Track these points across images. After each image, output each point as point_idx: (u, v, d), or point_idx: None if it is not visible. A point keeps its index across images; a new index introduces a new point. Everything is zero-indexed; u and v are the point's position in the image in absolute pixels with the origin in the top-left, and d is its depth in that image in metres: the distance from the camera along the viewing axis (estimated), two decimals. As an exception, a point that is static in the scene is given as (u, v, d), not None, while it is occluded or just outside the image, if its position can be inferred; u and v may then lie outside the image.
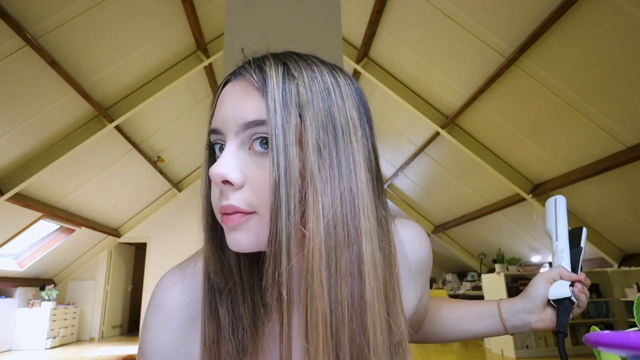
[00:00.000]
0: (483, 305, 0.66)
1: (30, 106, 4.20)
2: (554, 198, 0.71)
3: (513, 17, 3.68)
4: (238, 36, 1.62)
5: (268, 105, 0.38)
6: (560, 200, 0.70)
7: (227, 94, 0.42)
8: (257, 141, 0.39)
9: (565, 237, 0.65)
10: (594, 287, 5.67)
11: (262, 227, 0.39)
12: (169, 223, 8.71)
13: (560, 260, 0.63)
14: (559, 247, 0.64)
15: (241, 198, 0.39)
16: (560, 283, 0.61)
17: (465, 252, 8.71)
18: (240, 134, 0.40)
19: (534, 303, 0.61)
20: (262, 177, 0.38)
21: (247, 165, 0.39)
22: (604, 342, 0.28)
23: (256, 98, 0.40)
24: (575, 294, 0.59)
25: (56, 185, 5.63)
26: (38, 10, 3.54)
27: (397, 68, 5.40)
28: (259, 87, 0.40)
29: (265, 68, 0.41)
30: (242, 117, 0.39)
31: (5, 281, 6.50)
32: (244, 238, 0.39)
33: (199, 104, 6.83)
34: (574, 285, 0.60)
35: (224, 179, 0.39)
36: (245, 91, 0.40)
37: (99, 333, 8.13)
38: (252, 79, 0.40)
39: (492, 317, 0.64)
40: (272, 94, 0.38)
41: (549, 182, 4.97)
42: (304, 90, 0.39)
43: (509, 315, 0.63)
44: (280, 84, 0.39)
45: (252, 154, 0.40)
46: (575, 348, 5.32)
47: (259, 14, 1.66)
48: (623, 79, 3.40)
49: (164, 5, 4.49)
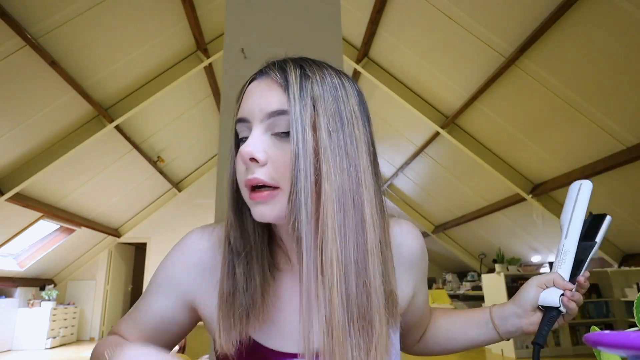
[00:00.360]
0: (477, 312, 0.68)
1: (30, 106, 4.20)
2: (580, 183, 0.62)
3: (513, 17, 3.68)
4: (238, 36, 1.62)
5: (289, 97, 0.47)
6: (585, 186, 0.61)
7: (253, 89, 0.51)
8: (275, 130, 0.48)
9: (577, 235, 0.59)
10: (594, 287, 5.67)
11: (284, 202, 0.47)
12: (169, 223, 8.71)
13: (561, 264, 0.59)
14: (564, 247, 0.59)
15: (265, 172, 0.47)
16: (552, 290, 0.58)
17: (465, 252, 8.71)
18: (264, 121, 0.48)
19: (523, 308, 0.61)
20: (282, 157, 0.47)
21: (269, 147, 0.48)
22: (604, 342, 0.28)
23: (278, 92, 0.48)
24: (564, 303, 0.57)
25: (56, 185, 5.63)
26: (38, 10, 3.54)
27: (397, 68, 5.39)
28: (281, 83, 0.48)
29: (286, 68, 0.50)
30: (267, 107, 0.48)
31: (5, 281, 6.50)
32: (269, 211, 0.47)
33: (199, 104, 6.82)
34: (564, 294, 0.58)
35: (251, 157, 0.47)
36: (269, 87, 0.49)
37: (99, 333, 8.13)
38: (276, 77, 0.49)
39: (486, 324, 0.65)
40: (292, 88, 0.48)
41: (549, 182, 4.97)
42: (317, 87, 0.48)
43: (500, 321, 0.64)
44: (299, 81, 0.48)
45: (273, 138, 0.48)
46: (575, 348, 5.32)
47: (259, 14, 1.66)
48: (623, 79, 3.40)
49: (164, 5, 4.49)
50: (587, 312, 5.54)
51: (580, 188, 0.61)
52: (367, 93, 3.39)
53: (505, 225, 6.65)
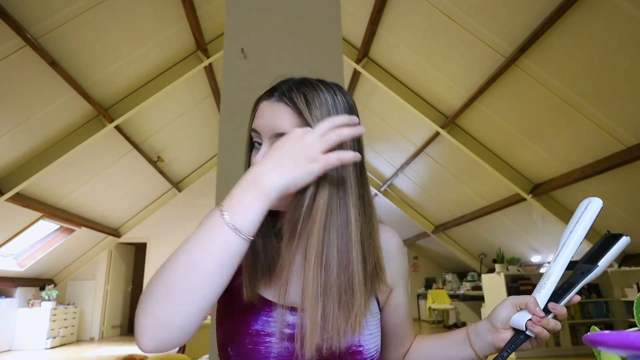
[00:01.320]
0: (456, 332, 0.70)
1: (30, 106, 4.20)
2: (589, 200, 0.61)
3: (513, 17, 3.68)
4: (238, 36, 1.62)
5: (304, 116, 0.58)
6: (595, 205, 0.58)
7: (265, 109, 0.62)
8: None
9: (565, 260, 0.58)
10: (594, 287, 5.67)
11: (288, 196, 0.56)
12: (169, 223, 8.71)
13: (541, 288, 0.58)
14: (549, 271, 0.58)
15: None
16: (523, 313, 0.58)
17: (465, 252, 8.71)
18: (272, 138, 0.60)
19: (494, 324, 0.63)
20: None
21: None
22: (604, 342, 0.28)
23: (286, 117, 0.59)
24: (529, 327, 0.57)
25: (56, 185, 5.63)
26: (38, 10, 3.55)
27: (397, 68, 5.39)
28: (289, 108, 0.59)
29: (293, 97, 0.60)
30: (275, 128, 0.59)
31: (5, 281, 6.50)
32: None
33: (199, 104, 6.83)
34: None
35: None
36: (279, 111, 0.60)
37: (99, 333, 8.13)
38: (285, 103, 0.60)
39: (464, 341, 0.68)
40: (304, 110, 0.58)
41: (549, 182, 4.97)
42: (315, 109, 0.59)
43: (475, 338, 0.66)
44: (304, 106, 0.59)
45: None
46: (575, 348, 5.32)
47: (259, 14, 1.66)
48: (623, 79, 3.40)
49: (164, 5, 4.49)
50: (587, 312, 5.54)
51: (587, 206, 0.58)
52: (367, 93, 3.42)
53: (505, 225, 6.65)
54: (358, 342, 0.59)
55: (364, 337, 0.60)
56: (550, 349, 5.32)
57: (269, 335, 0.58)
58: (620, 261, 5.21)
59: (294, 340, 0.57)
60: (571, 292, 0.55)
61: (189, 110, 6.76)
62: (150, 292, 0.48)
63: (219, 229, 0.49)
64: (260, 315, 0.59)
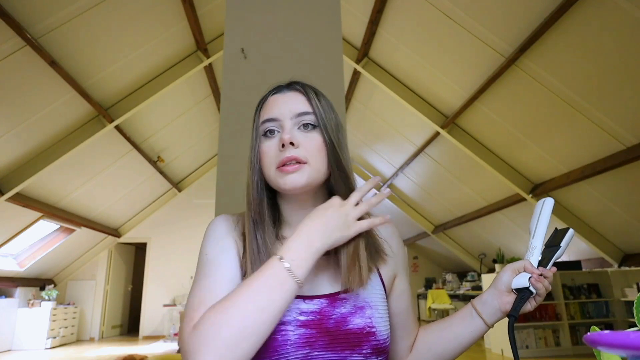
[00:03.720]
0: (460, 310, 0.76)
1: (30, 106, 4.20)
2: (543, 200, 0.77)
3: (513, 17, 3.68)
4: (238, 36, 1.62)
5: (313, 104, 0.68)
6: (547, 203, 0.76)
7: (280, 98, 0.70)
8: (302, 125, 0.68)
9: (542, 236, 0.73)
10: (594, 287, 5.67)
11: (310, 172, 0.65)
12: (169, 223, 8.71)
13: (530, 256, 0.72)
14: (532, 244, 0.73)
15: (298, 152, 0.65)
16: (522, 275, 0.69)
17: (465, 252, 8.71)
18: (293, 119, 0.67)
19: (499, 289, 0.71)
20: (308, 143, 0.66)
21: (299, 136, 0.66)
22: (604, 342, 0.28)
23: (302, 100, 0.69)
24: (533, 283, 0.67)
25: (56, 185, 5.63)
26: (38, 10, 3.55)
27: (397, 68, 5.40)
28: (303, 93, 0.70)
29: (305, 86, 0.72)
30: (296, 108, 0.68)
31: (5, 281, 6.51)
32: (299, 178, 0.64)
33: (199, 104, 6.83)
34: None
35: (291, 141, 0.65)
36: (294, 95, 0.70)
37: (99, 333, 8.13)
38: (300, 89, 0.70)
39: (471, 315, 0.73)
40: (313, 98, 0.69)
41: (549, 182, 4.97)
42: (321, 98, 0.71)
43: (482, 307, 0.72)
44: (315, 94, 0.70)
45: (300, 131, 0.67)
46: (575, 348, 5.32)
47: (259, 14, 1.66)
48: (623, 79, 3.40)
49: (164, 5, 4.49)
50: (587, 312, 5.53)
51: (544, 203, 0.75)
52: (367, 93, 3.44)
53: (505, 225, 6.65)
54: (371, 323, 0.63)
55: (375, 319, 0.64)
56: (550, 349, 5.32)
57: (284, 324, 0.60)
58: (620, 261, 5.21)
59: (309, 327, 0.60)
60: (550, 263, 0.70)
61: (189, 110, 6.76)
62: (216, 335, 0.52)
63: (283, 279, 0.56)
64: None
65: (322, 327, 0.61)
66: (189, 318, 0.58)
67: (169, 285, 8.47)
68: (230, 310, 0.54)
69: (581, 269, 5.63)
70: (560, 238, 0.72)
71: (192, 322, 0.57)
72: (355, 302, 0.64)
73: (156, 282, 8.51)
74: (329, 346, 0.59)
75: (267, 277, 0.56)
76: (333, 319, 0.62)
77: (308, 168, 0.65)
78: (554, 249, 0.71)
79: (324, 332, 0.60)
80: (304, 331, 0.60)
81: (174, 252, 8.53)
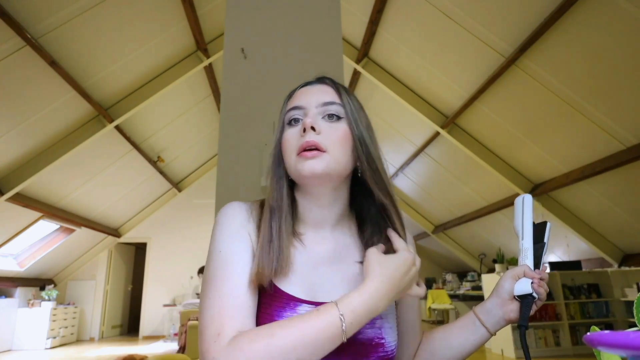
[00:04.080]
0: (462, 318, 0.75)
1: (30, 106, 4.20)
2: (522, 197, 0.77)
3: (513, 17, 3.68)
4: (238, 36, 1.62)
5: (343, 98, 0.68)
6: (527, 199, 0.76)
7: (308, 89, 0.70)
8: (327, 115, 0.67)
9: (530, 235, 0.73)
10: (594, 287, 5.67)
11: (330, 161, 0.63)
12: (169, 223, 8.71)
13: (525, 259, 0.71)
14: (524, 246, 0.73)
15: (319, 139, 0.64)
16: (524, 280, 0.69)
17: (465, 252, 8.71)
18: (319, 107, 0.67)
19: (502, 297, 0.71)
20: (331, 132, 0.65)
21: (322, 125, 0.65)
22: (604, 342, 0.28)
23: (330, 92, 0.69)
24: (535, 289, 0.67)
25: (56, 185, 5.63)
26: (38, 10, 3.54)
27: (397, 68, 5.40)
28: (332, 86, 0.70)
29: (335, 82, 0.71)
30: (322, 98, 0.68)
31: (5, 281, 6.50)
32: (317, 164, 0.63)
33: (199, 104, 6.83)
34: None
35: (312, 126, 0.64)
36: (323, 87, 0.70)
37: (99, 333, 8.13)
38: (330, 83, 0.71)
39: (474, 323, 0.72)
40: (343, 92, 0.69)
41: (549, 182, 4.97)
42: (356, 101, 0.70)
43: (485, 315, 0.72)
44: (344, 89, 0.70)
45: (324, 120, 0.66)
46: (575, 348, 5.32)
47: (259, 14, 1.66)
48: (623, 79, 3.40)
49: (164, 5, 4.49)
50: (587, 312, 5.53)
51: (523, 201, 0.76)
52: (367, 93, 3.44)
53: (505, 225, 6.65)
54: (381, 335, 0.63)
55: (385, 330, 0.64)
56: (550, 349, 5.31)
57: None
58: (620, 261, 5.21)
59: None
60: (541, 262, 0.70)
61: (189, 110, 6.76)
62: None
63: (334, 334, 0.53)
64: (284, 311, 0.60)
65: None
66: (214, 328, 0.56)
67: (169, 285, 8.47)
68: (279, 345, 0.52)
69: (581, 269, 5.63)
70: (542, 234, 0.72)
71: (220, 336, 0.55)
72: None
73: (156, 282, 8.51)
74: (335, 354, 0.57)
75: (320, 326, 0.53)
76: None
77: (327, 157, 0.63)
78: (540, 247, 0.71)
79: None
80: None
81: (174, 252, 8.53)
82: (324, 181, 0.64)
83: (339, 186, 0.68)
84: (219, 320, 0.56)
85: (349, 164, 0.66)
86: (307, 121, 0.63)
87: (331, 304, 0.54)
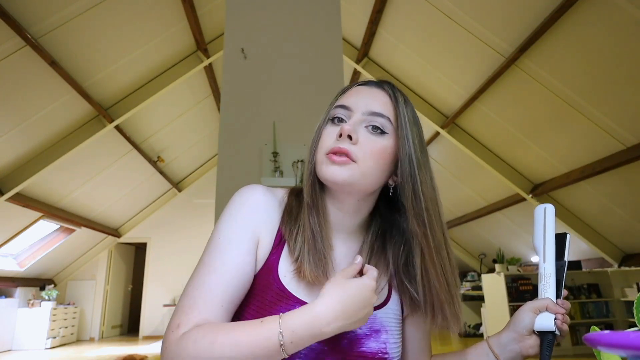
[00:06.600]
0: (475, 347, 0.70)
1: (30, 106, 4.20)
2: (543, 207, 0.67)
3: (513, 17, 3.68)
4: (238, 36, 1.62)
5: (397, 109, 0.62)
6: (549, 210, 0.66)
7: (363, 90, 0.65)
8: (371, 125, 0.62)
9: (553, 257, 0.64)
10: (594, 287, 5.67)
11: (356, 173, 0.59)
12: (169, 223, 8.71)
13: (547, 288, 0.63)
14: (546, 271, 0.64)
15: (352, 149, 0.59)
16: (546, 315, 0.62)
17: (465, 252, 8.71)
18: (365, 115, 0.62)
19: (519, 332, 0.65)
20: (368, 145, 0.60)
21: (362, 134, 0.61)
22: (604, 342, 0.28)
23: (384, 101, 0.63)
24: (559, 326, 0.61)
25: (56, 185, 5.63)
26: (38, 10, 3.54)
27: (397, 68, 5.40)
28: (390, 95, 0.64)
29: (395, 89, 0.65)
30: (372, 106, 0.62)
31: (5, 281, 6.50)
32: (340, 173, 0.59)
33: (199, 104, 6.83)
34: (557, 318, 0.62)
35: (349, 134, 0.59)
36: (378, 93, 0.64)
37: (99, 333, 8.12)
38: (388, 90, 0.65)
39: (487, 355, 0.68)
40: (401, 103, 0.63)
41: (549, 182, 4.97)
42: (412, 114, 0.63)
43: (499, 349, 0.67)
44: (403, 102, 0.64)
45: (366, 131, 0.61)
46: (575, 348, 5.32)
47: (259, 14, 1.66)
48: (623, 79, 3.40)
49: (164, 5, 4.49)
50: (587, 312, 5.53)
51: (545, 212, 0.66)
52: (367, 93, 3.25)
53: (505, 225, 6.65)
54: (385, 349, 0.61)
55: (390, 345, 0.62)
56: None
57: None
58: (620, 261, 5.21)
59: (322, 342, 0.57)
60: (562, 285, 0.63)
61: (189, 110, 6.76)
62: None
63: (271, 350, 0.50)
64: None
65: (335, 344, 0.58)
66: (179, 321, 0.54)
67: (169, 285, 8.47)
68: (216, 348, 0.50)
69: (581, 269, 5.63)
70: (562, 249, 0.64)
71: (179, 328, 0.53)
72: (372, 325, 0.62)
73: (156, 282, 8.51)
74: None
75: (259, 344, 0.50)
76: (347, 338, 0.60)
77: (356, 167, 0.59)
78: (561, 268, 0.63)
79: (336, 350, 0.58)
80: (316, 345, 0.57)
81: (174, 252, 8.53)
82: (344, 190, 0.61)
83: (365, 198, 0.64)
84: (186, 311, 0.55)
85: (379, 180, 0.62)
86: (345, 128, 0.59)
87: (274, 318, 0.51)
